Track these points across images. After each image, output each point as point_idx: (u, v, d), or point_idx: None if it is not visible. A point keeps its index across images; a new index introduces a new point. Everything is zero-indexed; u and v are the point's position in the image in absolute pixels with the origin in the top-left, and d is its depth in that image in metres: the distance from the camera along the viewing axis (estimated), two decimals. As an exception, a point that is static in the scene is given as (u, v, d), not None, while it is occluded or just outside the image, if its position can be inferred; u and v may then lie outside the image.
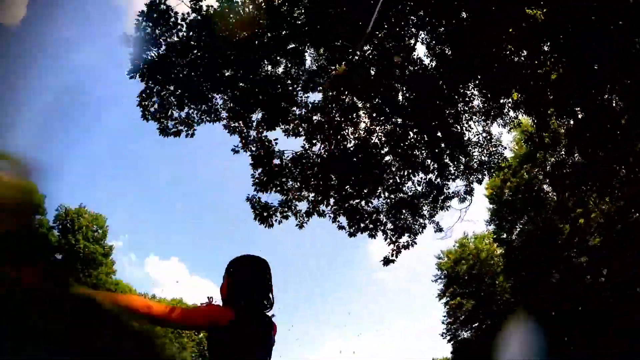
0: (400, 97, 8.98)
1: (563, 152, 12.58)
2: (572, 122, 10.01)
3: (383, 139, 9.05)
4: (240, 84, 7.89)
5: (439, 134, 9.71)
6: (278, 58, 8.08)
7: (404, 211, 9.10)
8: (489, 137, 10.52)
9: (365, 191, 8.68)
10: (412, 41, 8.69)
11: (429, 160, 9.61)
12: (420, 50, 20.58)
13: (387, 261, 9.03)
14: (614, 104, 8.88)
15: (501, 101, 9.62)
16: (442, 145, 9.76)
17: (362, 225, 8.72)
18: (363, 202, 8.74)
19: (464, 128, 10.05)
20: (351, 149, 8.72)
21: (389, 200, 9.00)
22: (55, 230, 52.28)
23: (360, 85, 8.02)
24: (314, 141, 8.55)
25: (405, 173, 9.17)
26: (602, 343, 14.98)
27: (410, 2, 8.22)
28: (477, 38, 7.64)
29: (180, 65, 7.47)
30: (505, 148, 11.93)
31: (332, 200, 8.55)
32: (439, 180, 9.72)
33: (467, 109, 10.01)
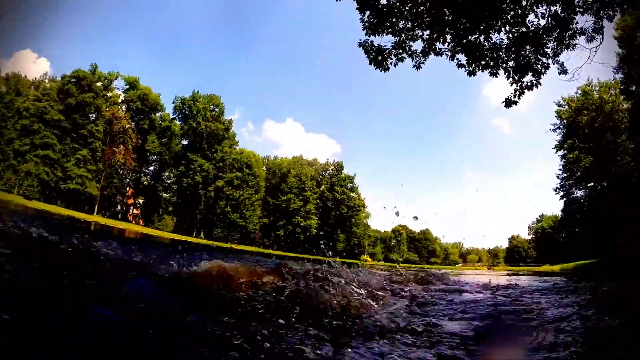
0: None
1: None
2: None
3: (499, -35, 7.99)
4: None
5: (562, -44, 8.39)
6: None
7: (526, 47, 8.19)
8: (620, -37, 8.90)
9: (483, 25, 7.88)
10: None
11: (552, -11, 8.40)
12: None
13: (509, 102, 8.36)
14: None
15: None
16: (567, -29, 8.45)
17: (482, 62, 8.05)
18: (482, 38, 7.99)
19: (591, -51, 8.58)
20: (464, -22, 7.85)
21: (510, 36, 8.12)
22: (176, 120, 57.39)
23: None
24: (422, -25, 7.82)
25: (527, 4, 8.13)
26: None
27: None
28: None
29: None
30: (640, -21, 10.09)
31: (448, 37, 7.93)
32: (564, 13, 8.53)
33: None
